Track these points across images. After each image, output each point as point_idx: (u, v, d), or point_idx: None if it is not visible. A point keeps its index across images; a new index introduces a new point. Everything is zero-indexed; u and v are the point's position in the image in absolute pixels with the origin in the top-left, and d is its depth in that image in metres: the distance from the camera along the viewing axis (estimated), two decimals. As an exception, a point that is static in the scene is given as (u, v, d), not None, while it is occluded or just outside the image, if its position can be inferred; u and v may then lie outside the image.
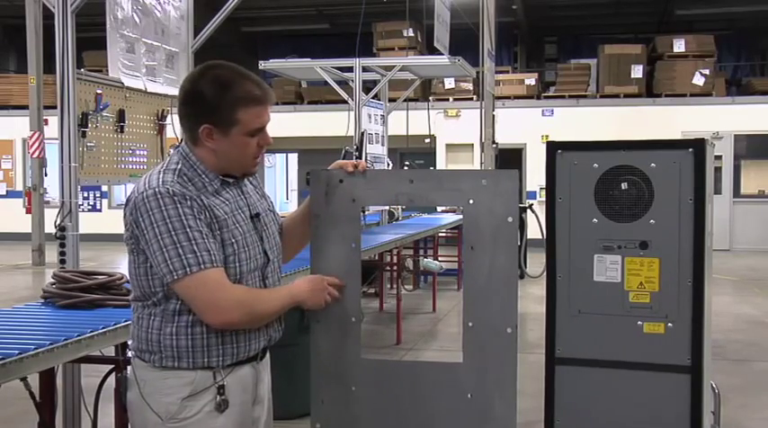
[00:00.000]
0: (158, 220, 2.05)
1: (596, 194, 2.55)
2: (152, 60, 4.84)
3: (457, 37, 9.34)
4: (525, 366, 2.80)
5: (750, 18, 18.00)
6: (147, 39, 4.80)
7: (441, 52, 8.74)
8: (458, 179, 2.42)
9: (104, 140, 4.44)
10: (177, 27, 5.14)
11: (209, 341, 2.13)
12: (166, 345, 2.12)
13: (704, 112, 15.83)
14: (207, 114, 2.11)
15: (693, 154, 2.48)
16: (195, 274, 2.04)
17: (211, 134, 2.12)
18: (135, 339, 2.19)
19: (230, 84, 2.12)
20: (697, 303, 2.48)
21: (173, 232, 2.04)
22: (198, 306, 2.08)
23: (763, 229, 15.97)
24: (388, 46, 16.80)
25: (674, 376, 2.50)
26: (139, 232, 2.08)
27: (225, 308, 2.08)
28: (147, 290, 2.13)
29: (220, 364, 2.14)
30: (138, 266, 2.13)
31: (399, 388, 2.44)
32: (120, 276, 3.37)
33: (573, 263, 2.55)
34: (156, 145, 4.99)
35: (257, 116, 2.15)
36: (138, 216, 2.07)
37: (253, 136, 2.15)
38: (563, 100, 16.79)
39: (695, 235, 2.47)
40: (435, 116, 15.10)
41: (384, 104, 9.78)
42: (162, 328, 2.12)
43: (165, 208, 2.05)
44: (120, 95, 4.55)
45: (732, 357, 6.86)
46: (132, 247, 2.14)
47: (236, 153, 2.16)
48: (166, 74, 5.02)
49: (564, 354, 2.57)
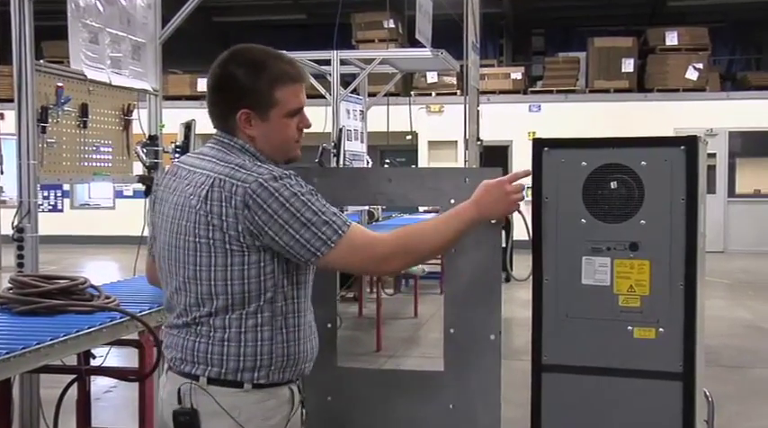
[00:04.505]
0: (289, 198, 1.99)
1: (584, 194, 2.56)
2: (117, 52, 4.80)
3: (440, 28, 9.36)
4: (511, 373, 2.81)
5: (745, 10, 18.16)
6: (112, 28, 4.76)
7: (423, 44, 8.76)
8: (439, 178, 2.42)
9: (66, 136, 4.40)
10: (144, 16, 5.10)
11: (306, 345, 2.12)
12: (278, 356, 2.05)
13: (698, 108, 15.98)
14: (243, 97, 2.09)
15: (685, 151, 2.50)
16: (347, 234, 2.02)
17: (249, 119, 2.10)
18: (232, 359, 2.03)
19: (264, 64, 2.11)
20: (689, 307, 2.49)
21: (310, 204, 2.00)
22: (358, 265, 2.10)
23: (758, 230, 16.13)
24: (368, 38, 16.79)
25: (665, 383, 2.51)
26: (264, 221, 1.98)
27: (387, 256, 2.07)
28: (252, 294, 2.03)
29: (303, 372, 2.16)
30: (246, 267, 2.02)
31: (378, 398, 2.44)
32: (83, 280, 3.34)
33: (560, 266, 2.56)
34: (122, 141, 4.95)
35: (295, 95, 2.14)
36: (261, 204, 1.98)
37: (292, 116, 2.14)
38: (551, 95, 16.88)
39: (687, 236, 2.49)
40: (417, 112, 15.12)
41: (363, 99, 9.79)
42: (273, 337, 2.05)
43: (290, 186, 2.01)
44: (82, 89, 4.50)
45: (726, 363, 6.92)
46: (234, 248, 2.01)
47: (278, 137, 2.14)
48: (132, 66, 4.99)
49: (551, 361, 2.57)
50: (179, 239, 2.08)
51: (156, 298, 3.52)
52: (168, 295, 2.17)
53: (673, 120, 15.21)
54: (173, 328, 2.15)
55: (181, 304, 2.10)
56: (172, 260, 2.11)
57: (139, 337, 3.30)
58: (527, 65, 19.02)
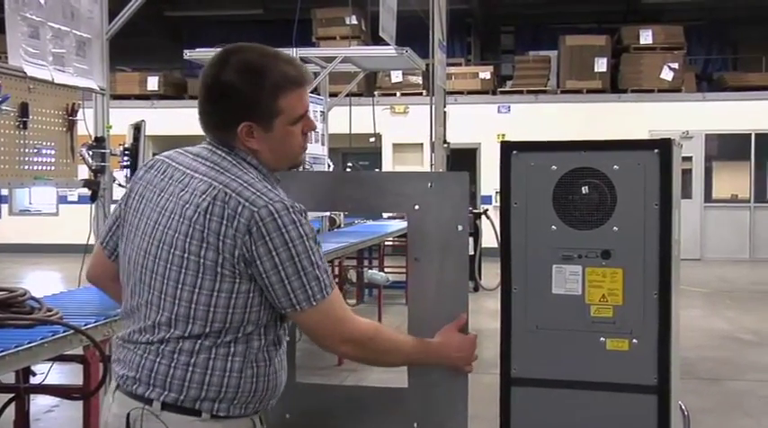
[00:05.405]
0: (294, 239, 1.93)
1: (555, 199, 2.58)
2: (60, 47, 4.76)
3: (405, 25, 9.39)
4: (479, 388, 2.82)
5: (722, 7, 18.48)
6: (54, 23, 4.71)
7: (387, 42, 8.78)
8: (402, 182, 2.43)
9: (4, 137, 4.35)
10: (89, 10, 5.06)
11: (275, 381, 2.07)
12: (245, 391, 1.99)
13: (673, 110, 16.21)
14: (244, 110, 2.02)
15: (659, 155, 2.53)
16: (329, 298, 1.98)
17: (252, 131, 2.03)
18: (195, 386, 1.95)
19: (264, 69, 2.03)
20: (664, 317, 2.52)
21: (311, 252, 1.95)
22: (322, 334, 2.04)
23: (736, 237, 16.37)
24: (329, 35, 16.81)
25: (639, 397, 2.54)
26: (260, 254, 1.91)
27: (352, 340, 2.06)
28: (233, 325, 1.96)
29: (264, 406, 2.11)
30: (234, 296, 1.95)
31: (338, 416, 2.44)
32: (22, 292, 3.29)
33: (530, 275, 2.58)
34: (66, 143, 4.90)
35: (299, 100, 2.08)
36: (265, 234, 1.91)
37: (296, 123, 2.09)
38: (521, 95, 17.02)
39: (661, 243, 2.52)
40: (381, 113, 15.15)
41: (324, 100, 9.78)
42: (243, 370, 1.98)
43: (300, 224, 1.95)
44: (22, 86, 4.45)
45: (703, 376, 7.02)
46: (226, 273, 1.93)
47: (283, 147, 2.09)
48: (77, 63, 4.94)
49: (520, 374, 2.59)
50: (162, 249, 1.98)
51: (103, 310, 3.49)
52: (133, 305, 2.06)
53: (647, 121, 15.42)
54: (129, 342, 2.04)
55: (149, 320, 2.00)
56: (147, 270, 2.01)
57: (84, 352, 3.26)
58: (496, 64, 19.17)
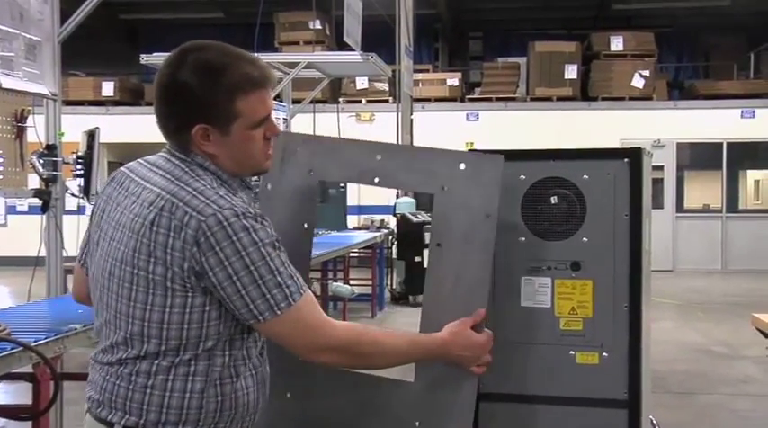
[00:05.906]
0: (247, 246, 1.86)
1: (523, 209, 2.60)
2: (8, 50, 4.70)
3: (370, 31, 9.42)
4: (446, 404, 2.82)
5: (693, 14, 18.76)
6: (2, 25, 4.66)
7: (352, 48, 8.80)
8: (432, 159, 2.36)
9: (-50, 145, 4.29)
10: (39, 12, 5.01)
11: (247, 397, 1.99)
12: (209, 411, 1.92)
13: (644, 118, 16.38)
14: (198, 111, 1.94)
15: (629, 164, 2.55)
16: (297, 305, 1.90)
17: (207, 134, 1.96)
18: (154, 409, 1.91)
19: (222, 69, 1.95)
20: (634, 330, 2.54)
21: (269, 258, 1.88)
22: (296, 344, 1.96)
23: (708, 247, 16.53)
24: (292, 39, 16.78)
25: (609, 411, 2.56)
26: (211, 266, 1.86)
27: (331, 349, 1.98)
28: (190, 341, 1.91)
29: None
30: (188, 311, 1.90)
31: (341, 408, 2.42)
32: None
33: (498, 287, 2.59)
34: (15, 151, 4.84)
35: (261, 102, 1.99)
36: (214, 245, 1.85)
37: (257, 127, 2.00)
38: (489, 103, 17.10)
39: (631, 254, 2.54)
40: (346, 120, 15.15)
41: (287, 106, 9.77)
42: (205, 390, 1.92)
43: (254, 230, 1.87)
44: (-32, 92, 4.40)
45: (675, 389, 7.08)
46: (176, 287, 1.88)
47: (241, 152, 2.00)
48: (26, 67, 4.88)
49: (488, 389, 2.59)
50: (115, 266, 1.95)
51: (54, 325, 3.44)
52: (97, 325, 2.05)
53: (618, 130, 15.57)
54: (96, 363, 2.02)
55: (108, 340, 1.98)
56: (105, 288, 1.99)
57: (34, 370, 3.21)
58: (464, 70, 19.25)
